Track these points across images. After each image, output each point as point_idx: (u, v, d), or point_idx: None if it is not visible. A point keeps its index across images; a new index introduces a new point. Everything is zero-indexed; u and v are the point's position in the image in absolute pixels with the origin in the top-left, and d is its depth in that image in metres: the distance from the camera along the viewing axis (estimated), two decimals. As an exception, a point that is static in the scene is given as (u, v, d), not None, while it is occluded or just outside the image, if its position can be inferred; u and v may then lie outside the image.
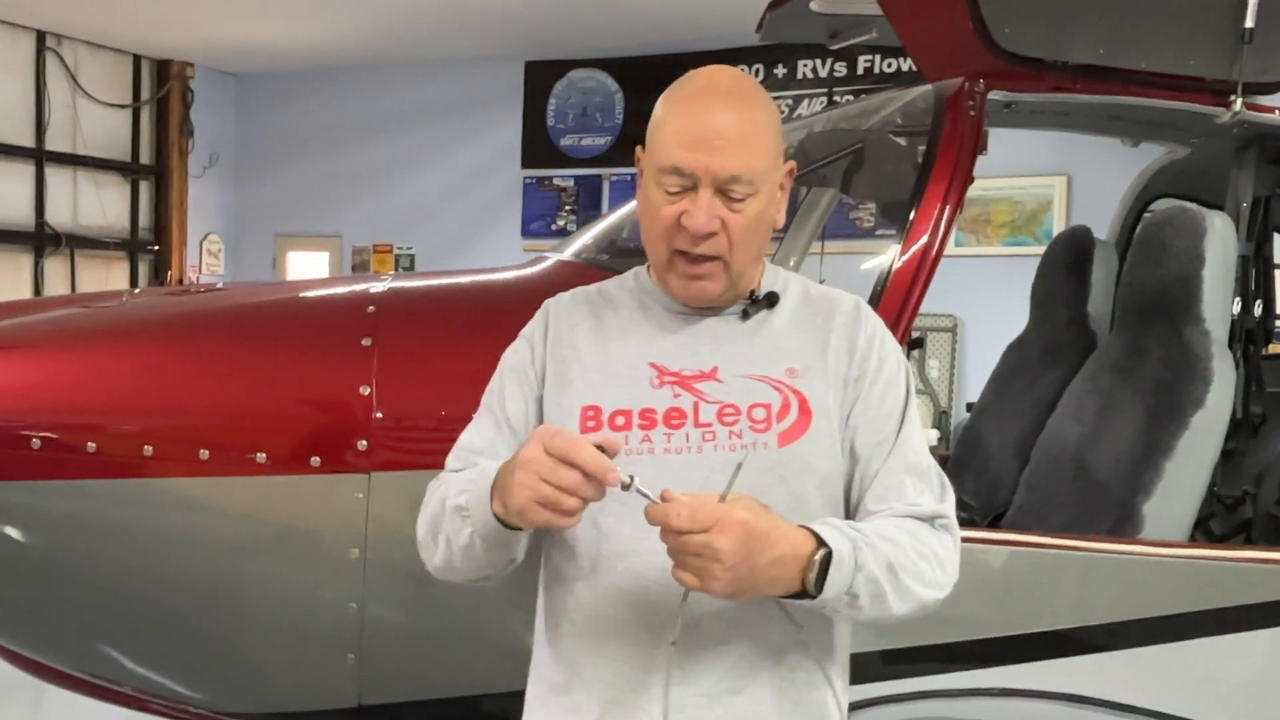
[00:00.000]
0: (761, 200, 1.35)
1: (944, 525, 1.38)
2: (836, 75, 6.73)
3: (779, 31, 2.88)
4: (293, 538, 1.95)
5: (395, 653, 1.94)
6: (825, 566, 1.24)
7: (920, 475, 1.39)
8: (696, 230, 1.32)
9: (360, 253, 8.28)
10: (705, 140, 1.32)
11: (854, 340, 1.42)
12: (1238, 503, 2.37)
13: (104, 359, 2.02)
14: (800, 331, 1.42)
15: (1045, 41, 2.20)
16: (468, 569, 1.38)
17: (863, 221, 6.10)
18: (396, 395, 1.91)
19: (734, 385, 1.38)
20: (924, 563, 1.32)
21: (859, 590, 1.26)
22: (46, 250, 7.56)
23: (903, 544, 1.31)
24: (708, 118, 1.33)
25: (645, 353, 1.41)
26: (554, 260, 2.37)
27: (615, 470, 1.20)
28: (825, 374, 1.39)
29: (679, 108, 1.36)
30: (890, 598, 1.29)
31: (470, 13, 6.70)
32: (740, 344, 1.41)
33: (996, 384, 2.95)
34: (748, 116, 1.35)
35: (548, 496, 1.19)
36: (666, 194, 1.34)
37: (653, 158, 1.36)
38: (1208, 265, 2.17)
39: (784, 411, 1.36)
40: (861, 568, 1.26)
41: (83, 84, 7.74)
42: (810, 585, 1.24)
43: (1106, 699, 1.97)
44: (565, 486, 1.19)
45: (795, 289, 1.47)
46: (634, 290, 1.48)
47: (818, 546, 1.24)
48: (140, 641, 2.03)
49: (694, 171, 1.32)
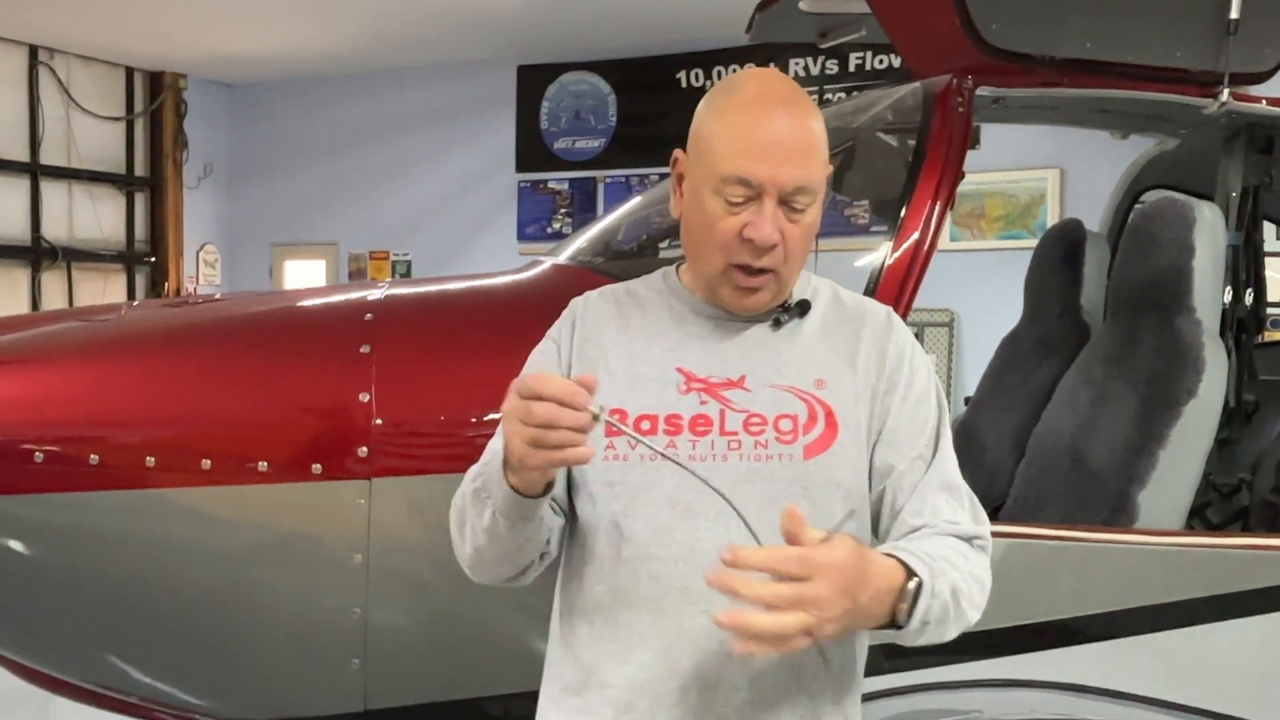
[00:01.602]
0: (817, 209, 1.35)
1: (981, 546, 1.37)
2: (828, 73, 6.74)
3: (769, 32, 2.89)
4: (295, 545, 1.96)
5: (400, 656, 1.95)
6: (916, 596, 1.23)
7: (953, 492, 1.38)
8: (763, 242, 1.31)
9: (357, 260, 8.29)
10: (771, 150, 1.30)
11: (884, 351, 1.40)
12: (1233, 490, 2.39)
13: (104, 371, 2.03)
14: (829, 341, 1.41)
15: (1032, 36, 2.21)
16: (497, 558, 1.36)
17: (858, 218, 6.11)
18: (396, 401, 1.92)
19: (761, 395, 1.37)
20: (974, 585, 1.32)
21: (932, 617, 1.25)
22: (43, 264, 7.57)
23: (960, 567, 1.30)
24: (771, 127, 1.31)
25: (673, 358, 1.39)
26: (549, 264, 2.38)
27: (582, 393, 1.19)
28: (854, 386, 1.38)
29: (737, 115, 1.33)
30: (950, 622, 1.28)
31: (461, 17, 6.70)
32: (769, 353, 1.39)
33: (992, 377, 2.96)
34: (806, 126, 1.34)
35: (533, 436, 1.18)
36: (728, 204, 1.32)
37: (710, 166, 1.33)
38: (1198, 255, 2.18)
39: (810, 423, 1.35)
40: (937, 595, 1.25)
41: (76, 97, 7.74)
42: (902, 617, 1.23)
43: (1107, 687, 1.98)
44: (542, 419, 1.18)
45: (825, 295, 1.46)
46: (663, 292, 1.46)
47: (908, 575, 1.23)
48: (146, 651, 2.04)
49: (761, 182, 1.30)
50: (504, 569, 1.39)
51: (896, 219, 2.02)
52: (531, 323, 1.55)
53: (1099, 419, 2.26)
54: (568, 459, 1.21)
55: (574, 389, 1.19)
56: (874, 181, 2.49)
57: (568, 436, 1.19)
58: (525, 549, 1.36)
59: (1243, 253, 2.48)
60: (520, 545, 1.35)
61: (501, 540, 1.33)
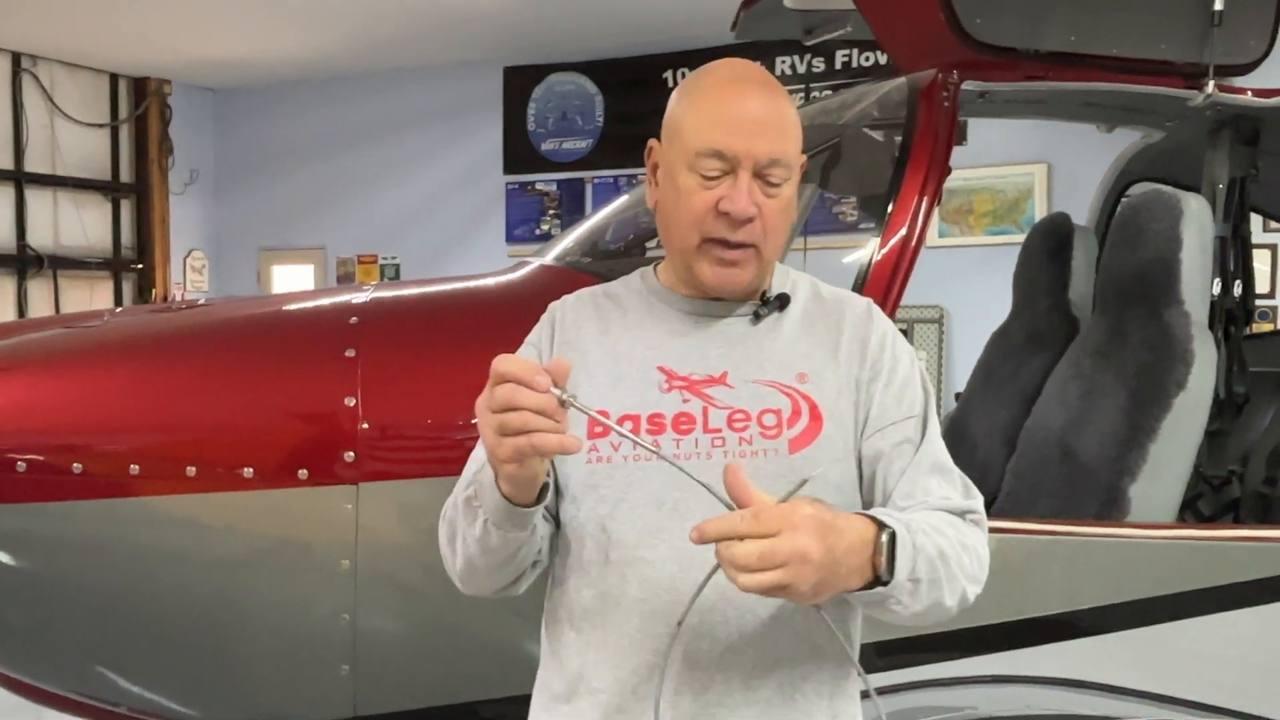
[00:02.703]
0: (792, 186, 1.36)
1: (975, 520, 1.36)
2: (815, 71, 6.74)
3: (754, 30, 2.89)
4: (283, 551, 1.95)
5: (390, 662, 1.94)
6: (892, 548, 1.20)
7: (945, 474, 1.37)
8: (740, 213, 1.31)
9: (345, 264, 8.26)
10: (745, 123, 1.31)
11: (865, 341, 1.40)
12: (1224, 482, 2.39)
13: (87, 379, 2.02)
14: (811, 334, 1.41)
15: (1016, 30, 2.21)
16: (489, 568, 1.34)
17: (846, 215, 6.11)
18: (382, 405, 1.91)
19: (744, 390, 1.36)
20: (965, 554, 1.29)
21: (920, 574, 1.21)
22: (29, 272, 7.53)
23: (947, 534, 1.28)
24: (745, 103, 1.33)
25: (653, 356, 1.39)
26: (536, 265, 2.37)
27: (542, 373, 1.14)
28: (836, 377, 1.37)
29: (711, 94, 1.35)
30: (944, 584, 1.25)
31: (446, 19, 6.69)
32: (750, 348, 1.39)
33: (982, 373, 2.96)
34: (779, 104, 1.35)
35: (502, 422, 1.14)
36: (703, 179, 1.32)
37: (684, 145, 1.34)
38: (1185, 247, 2.18)
39: (794, 418, 1.34)
40: (920, 550, 1.22)
41: (60, 104, 7.70)
42: (882, 569, 1.20)
43: (1102, 682, 1.98)
44: (502, 402, 1.14)
45: (805, 289, 1.45)
46: (641, 291, 1.46)
47: (879, 529, 1.21)
48: (135, 660, 2.02)
49: (736, 154, 1.31)
50: (496, 579, 1.37)
51: (884, 215, 2.01)
52: (518, 324, 1.54)
53: (1089, 413, 2.25)
54: (537, 447, 1.15)
55: (531, 367, 1.14)
56: (861, 178, 2.48)
57: (528, 419, 1.13)
58: (518, 558, 1.34)
59: (1230, 244, 2.48)
60: (513, 554, 1.33)
61: (494, 551, 1.31)
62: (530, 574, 1.39)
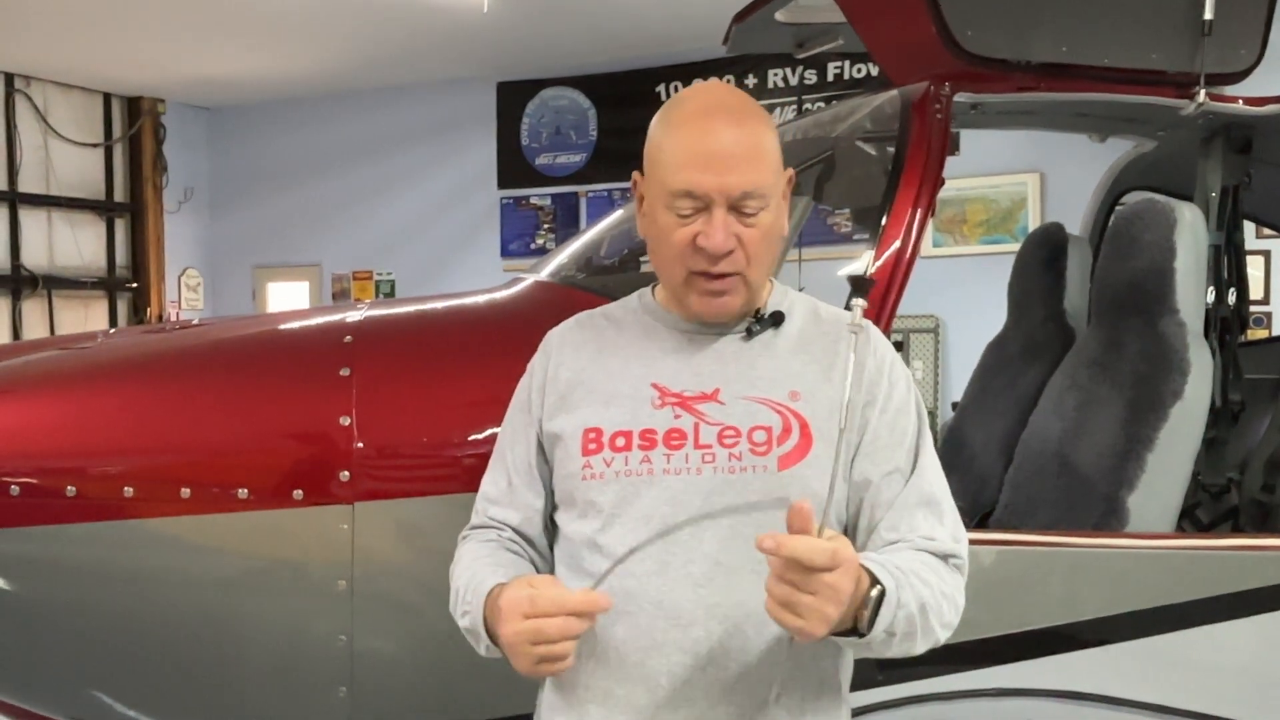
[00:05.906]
0: (772, 212, 1.36)
1: (957, 566, 1.37)
2: (807, 83, 6.75)
3: (746, 43, 2.89)
4: (279, 572, 1.93)
5: (387, 683, 1.93)
6: (878, 605, 1.23)
7: (932, 507, 1.38)
8: (716, 250, 1.32)
9: (340, 280, 8.26)
10: (714, 160, 1.31)
11: (862, 364, 1.39)
12: (1222, 491, 2.38)
13: (81, 401, 2.01)
14: (806, 353, 1.41)
15: (1008, 42, 2.21)
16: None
17: (840, 227, 6.12)
18: (377, 424, 1.90)
19: (735, 407, 1.37)
20: (945, 603, 1.32)
21: (897, 629, 1.25)
22: (24, 293, 7.52)
23: (931, 584, 1.30)
24: (713, 137, 1.32)
25: (648, 373, 1.40)
26: (530, 281, 2.37)
27: (600, 597, 1.27)
28: (829, 397, 1.37)
29: (681, 130, 1.35)
30: (918, 637, 1.28)
31: (439, 36, 6.70)
32: (743, 365, 1.40)
33: (978, 383, 2.96)
34: (750, 131, 1.34)
35: (544, 654, 1.25)
36: (679, 217, 1.34)
37: (659, 182, 1.35)
38: (1179, 256, 2.18)
39: (785, 435, 1.35)
40: (903, 606, 1.25)
41: (53, 124, 7.71)
42: (863, 623, 1.23)
43: (1102, 693, 1.97)
44: (553, 636, 1.24)
45: (803, 309, 1.46)
46: (638, 311, 1.47)
47: (872, 583, 1.23)
48: (130, 684, 2.01)
49: (706, 192, 1.32)
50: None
51: (878, 227, 2.01)
52: (513, 341, 1.54)
53: (1086, 423, 2.25)
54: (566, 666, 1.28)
55: (594, 599, 1.26)
56: (854, 190, 2.48)
57: (574, 641, 1.26)
58: None
59: (1224, 252, 2.48)
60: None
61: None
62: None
